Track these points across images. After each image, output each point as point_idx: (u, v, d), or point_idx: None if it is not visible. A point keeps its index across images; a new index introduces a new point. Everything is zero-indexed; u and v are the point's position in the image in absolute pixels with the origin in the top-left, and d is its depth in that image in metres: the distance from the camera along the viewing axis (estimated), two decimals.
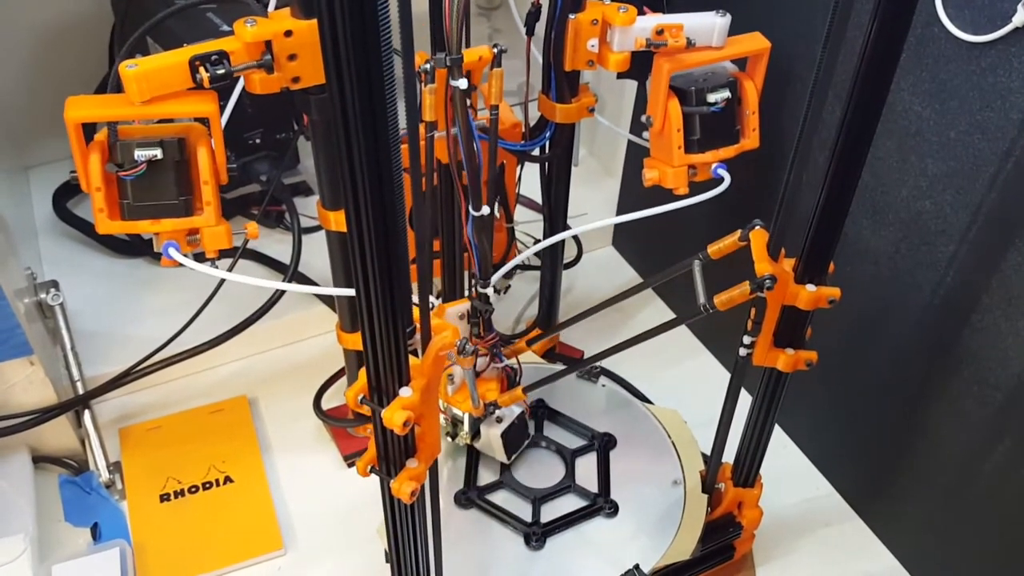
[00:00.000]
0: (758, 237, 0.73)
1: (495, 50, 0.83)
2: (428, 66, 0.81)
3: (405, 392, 0.56)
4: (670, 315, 1.29)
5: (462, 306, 0.86)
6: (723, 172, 0.88)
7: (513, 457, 0.93)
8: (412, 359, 0.57)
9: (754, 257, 0.72)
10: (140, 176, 0.72)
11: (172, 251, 0.75)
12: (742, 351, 0.77)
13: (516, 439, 0.93)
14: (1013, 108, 0.75)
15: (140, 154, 0.71)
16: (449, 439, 0.95)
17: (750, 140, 0.90)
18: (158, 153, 0.72)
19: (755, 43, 0.87)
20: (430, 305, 0.76)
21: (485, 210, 0.81)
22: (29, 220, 1.35)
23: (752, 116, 0.89)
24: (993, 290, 0.81)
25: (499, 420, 0.91)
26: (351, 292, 0.90)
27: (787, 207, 0.69)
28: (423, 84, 0.76)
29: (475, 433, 0.92)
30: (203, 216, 0.75)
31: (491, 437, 0.91)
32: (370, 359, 0.56)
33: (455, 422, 0.93)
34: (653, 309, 1.32)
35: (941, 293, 0.86)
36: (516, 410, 0.93)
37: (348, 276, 0.93)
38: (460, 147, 0.78)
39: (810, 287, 0.71)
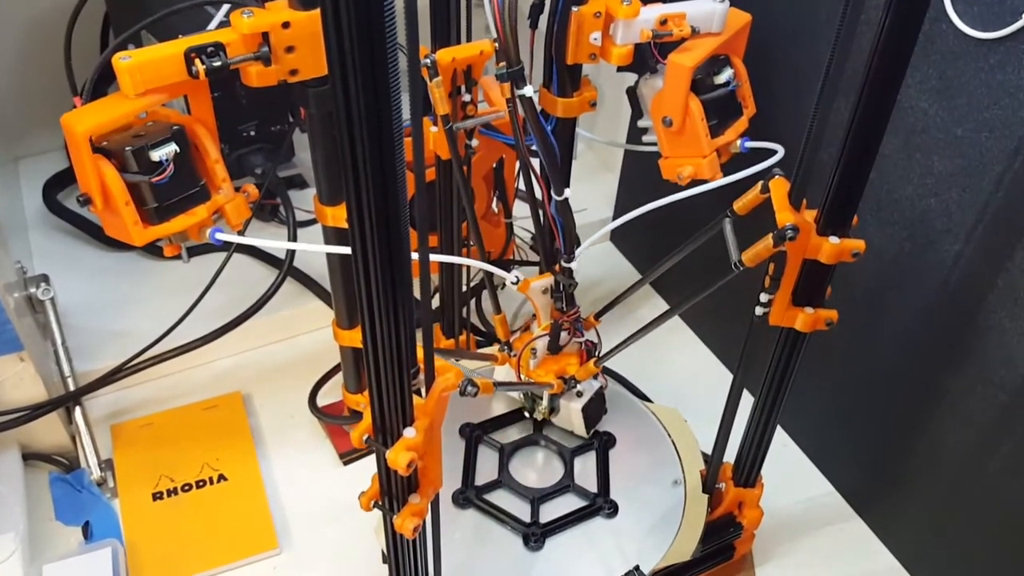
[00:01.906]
0: (778, 186, 0.70)
1: (496, 44, 0.82)
2: (428, 61, 0.81)
3: (409, 433, 0.57)
4: (665, 308, 1.29)
5: (545, 280, 0.88)
6: (752, 144, 0.88)
7: (591, 432, 0.95)
8: (416, 399, 0.58)
9: (775, 207, 0.69)
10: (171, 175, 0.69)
11: (220, 235, 0.73)
12: (758, 310, 0.74)
13: (595, 414, 0.94)
14: (1022, 106, 0.74)
15: (158, 154, 0.68)
16: (526, 414, 0.97)
17: (750, 108, 0.91)
18: (175, 148, 0.69)
19: (740, 18, 0.87)
20: (516, 279, 0.85)
21: (567, 192, 0.84)
22: (19, 212, 1.34)
23: (746, 86, 0.90)
24: (999, 290, 0.80)
25: (579, 395, 0.92)
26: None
27: (810, 153, 0.66)
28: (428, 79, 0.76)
29: (552, 408, 0.93)
30: (223, 193, 0.74)
31: (571, 412, 0.92)
32: (375, 401, 0.56)
33: (533, 397, 0.94)
34: (651, 306, 1.32)
35: (946, 292, 0.85)
36: (595, 384, 0.94)
37: (345, 272, 0.92)
38: (536, 146, 0.80)
39: (833, 239, 0.68)
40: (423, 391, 0.59)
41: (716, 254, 0.77)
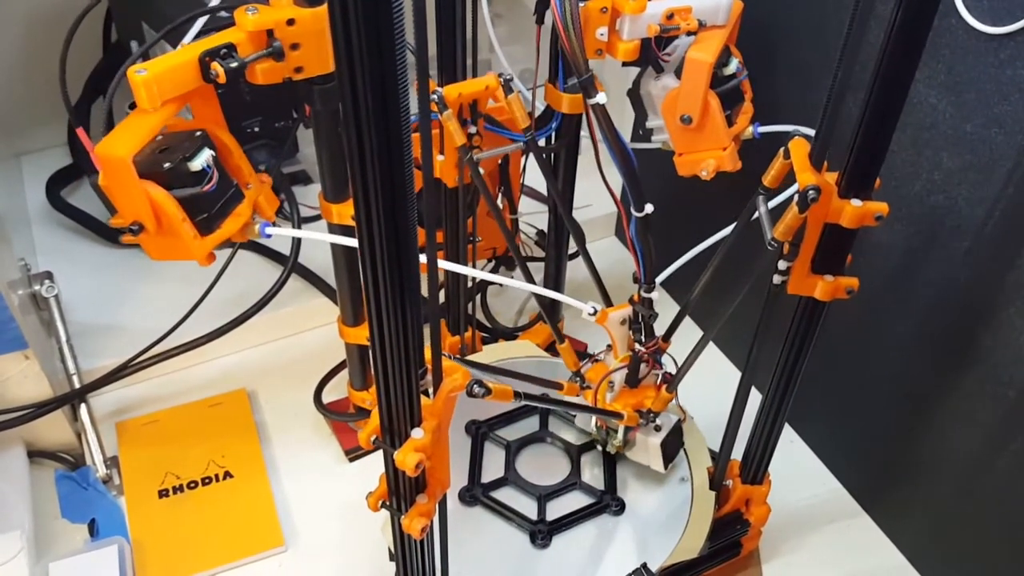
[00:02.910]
0: (798, 146, 0.68)
1: (501, 79, 0.85)
2: (436, 96, 0.81)
3: (417, 434, 0.57)
4: (675, 307, 1.28)
5: (624, 311, 0.84)
6: (765, 128, 0.87)
7: (669, 467, 0.90)
8: (424, 400, 0.58)
9: (795, 168, 0.67)
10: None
11: (271, 229, 0.73)
12: (776, 278, 0.72)
13: (673, 448, 0.90)
14: None
15: (199, 163, 0.67)
16: (599, 448, 0.93)
17: (749, 92, 0.90)
18: (212, 153, 0.68)
19: (735, 7, 0.86)
20: (593, 310, 0.80)
21: (649, 208, 0.79)
22: (22, 209, 1.33)
23: (743, 71, 0.88)
24: (1008, 287, 0.80)
25: (657, 429, 0.88)
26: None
27: (832, 114, 0.64)
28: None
29: (626, 441, 0.90)
30: (254, 188, 0.74)
31: (650, 447, 0.88)
32: (383, 402, 0.56)
33: (608, 430, 0.90)
34: (657, 304, 1.31)
35: (954, 289, 0.85)
36: (673, 418, 0.90)
37: (350, 268, 0.92)
38: (612, 157, 0.78)
39: (855, 202, 0.65)
40: (431, 392, 0.59)
41: (735, 255, 0.77)
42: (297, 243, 1.14)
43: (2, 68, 1.35)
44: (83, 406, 1.06)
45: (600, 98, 0.75)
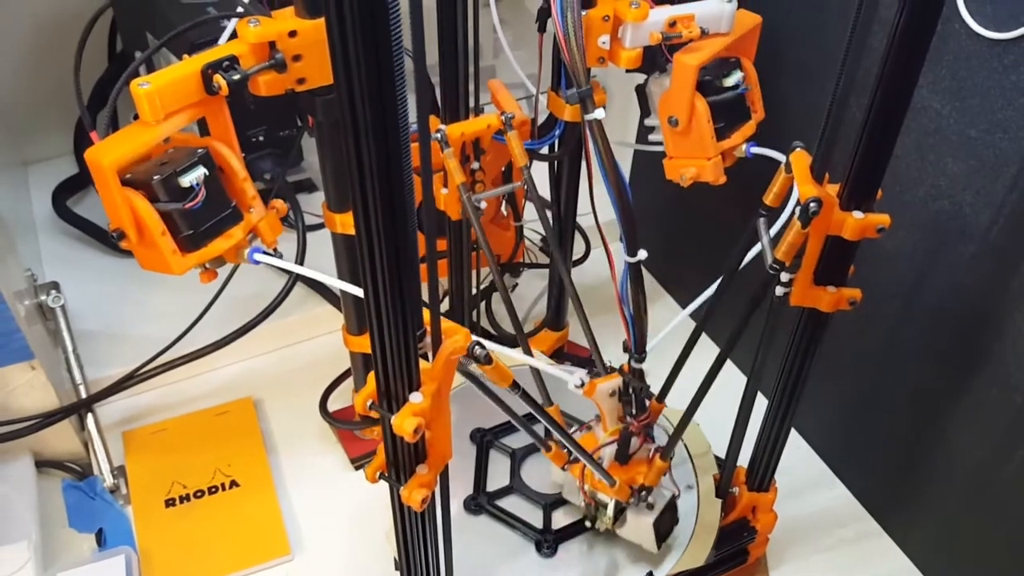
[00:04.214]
0: (799, 159, 0.68)
1: (503, 118, 0.85)
2: (440, 135, 0.82)
3: (415, 398, 0.55)
4: (678, 310, 1.28)
5: (613, 382, 0.79)
6: (757, 150, 0.86)
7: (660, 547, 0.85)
8: (423, 363, 0.55)
9: (796, 180, 0.66)
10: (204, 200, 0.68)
11: (260, 256, 0.72)
12: (779, 290, 0.71)
13: (667, 526, 0.86)
14: None
15: (188, 180, 0.66)
16: (587, 524, 0.88)
17: (759, 113, 0.89)
18: (204, 171, 0.67)
19: (749, 20, 0.86)
20: (580, 382, 0.73)
21: (642, 254, 0.72)
22: (28, 218, 1.34)
23: (755, 89, 0.88)
24: (1013, 292, 0.79)
25: (650, 507, 0.83)
26: (359, 291, 0.89)
27: (832, 125, 0.64)
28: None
29: (617, 518, 0.85)
30: (256, 211, 0.73)
31: (641, 526, 0.83)
32: (379, 363, 0.54)
33: (597, 505, 0.85)
34: (662, 306, 1.31)
35: (960, 294, 0.85)
36: (667, 494, 0.85)
37: (355, 278, 0.91)
38: (605, 183, 0.73)
39: (857, 214, 0.65)
40: (430, 356, 0.57)
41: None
42: (302, 251, 1.14)
43: (9, 77, 1.36)
44: (90, 416, 1.07)
45: (598, 114, 0.70)
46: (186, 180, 0.66)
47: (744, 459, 0.88)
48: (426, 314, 0.56)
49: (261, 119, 1.21)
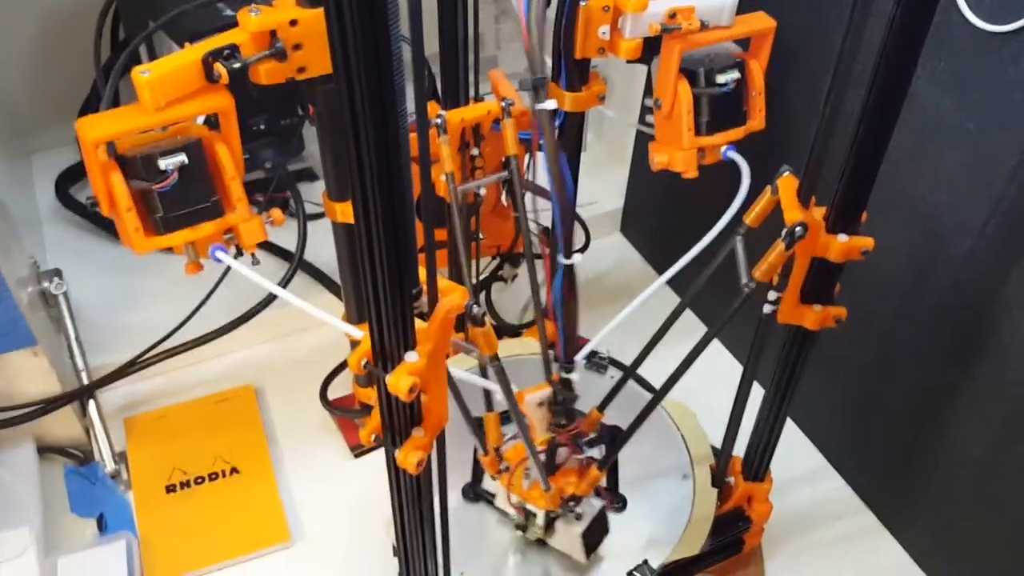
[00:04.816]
0: (787, 184, 0.69)
1: (503, 104, 0.84)
2: (439, 120, 0.81)
3: (411, 357, 0.53)
4: (675, 299, 1.28)
5: (542, 393, 0.79)
6: (733, 155, 0.86)
7: (590, 557, 0.85)
8: (418, 322, 0.54)
9: (783, 205, 0.68)
10: (173, 185, 0.69)
11: (220, 254, 0.73)
12: (766, 308, 0.73)
13: (596, 538, 0.86)
14: None
15: (166, 163, 0.68)
16: (519, 532, 0.88)
17: (756, 121, 0.88)
18: (184, 159, 0.68)
19: (761, 22, 0.85)
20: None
21: (577, 258, 0.72)
22: (32, 207, 1.34)
23: (758, 97, 0.87)
24: (1012, 285, 0.79)
25: (578, 517, 0.83)
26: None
27: (819, 150, 0.65)
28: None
29: (548, 528, 0.85)
30: (237, 213, 0.73)
31: (571, 536, 0.83)
32: (374, 322, 0.53)
33: (527, 515, 0.86)
34: (661, 297, 1.31)
35: (959, 288, 0.85)
36: (596, 504, 0.85)
37: (355, 266, 0.92)
38: (548, 177, 0.72)
39: (842, 237, 0.67)
40: (426, 315, 0.55)
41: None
42: (303, 239, 1.14)
43: (13, 67, 1.36)
44: (92, 402, 1.07)
45: (548, 104, 0.70)
46: (163, 163, 0.68)
47: (740, 449, 0.89)
48: (422, 273, 0.54)
49: (262, 107, 1.21)
